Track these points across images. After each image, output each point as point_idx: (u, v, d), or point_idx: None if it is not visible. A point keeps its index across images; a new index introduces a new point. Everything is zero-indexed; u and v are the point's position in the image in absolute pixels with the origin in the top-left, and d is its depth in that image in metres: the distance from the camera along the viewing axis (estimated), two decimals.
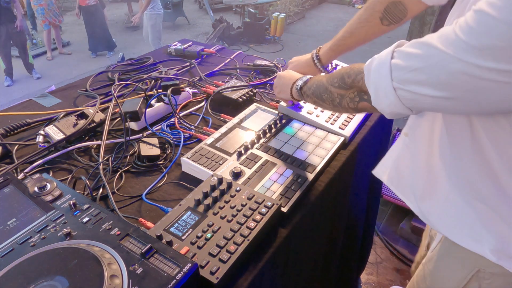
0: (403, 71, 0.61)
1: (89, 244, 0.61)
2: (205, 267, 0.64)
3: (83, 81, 1.42)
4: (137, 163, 0.97)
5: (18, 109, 1.24)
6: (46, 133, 1.00)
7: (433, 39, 0.57)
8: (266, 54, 5.67)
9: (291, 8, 7.35)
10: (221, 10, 8.12)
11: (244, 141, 1.00)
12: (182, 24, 7.63)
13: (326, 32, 6.84)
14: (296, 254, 0.88)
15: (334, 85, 0.80)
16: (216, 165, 0.91)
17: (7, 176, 0.77)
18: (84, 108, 1.13)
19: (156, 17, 4.84)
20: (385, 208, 2.41)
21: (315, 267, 1.08)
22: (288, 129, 1.07)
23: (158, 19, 4.89)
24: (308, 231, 0.92)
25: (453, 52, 0.53)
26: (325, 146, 1.01)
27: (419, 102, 0.62)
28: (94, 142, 1.03)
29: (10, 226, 0.66)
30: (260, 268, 0.70)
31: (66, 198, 0.72)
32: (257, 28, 6.16)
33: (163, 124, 1.11)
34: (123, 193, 0.88)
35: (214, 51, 1.64)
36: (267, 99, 1.28)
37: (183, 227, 0.71)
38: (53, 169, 0.95)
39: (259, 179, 0.88)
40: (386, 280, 1.98)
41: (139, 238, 0.62)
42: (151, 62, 1.52)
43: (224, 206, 0.76)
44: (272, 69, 1.45)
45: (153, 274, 0.56)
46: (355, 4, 8.46)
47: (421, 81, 0.59)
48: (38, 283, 0.54)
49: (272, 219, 0.75)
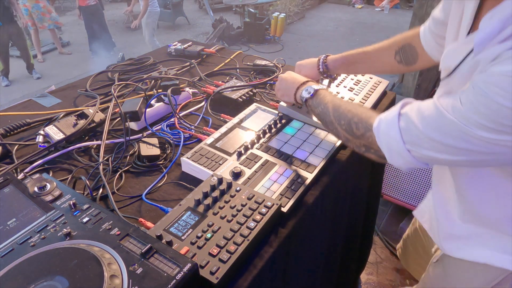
0: (414, 137, 0.63)
1: (89, 244, 0.61)
2: (205, 267, 0.64)
3: (83, 81, 1.42)
4: (137, 163, 0.97)
5: (18, 109, 1.24)
6: (46, 133, 1.00)
7: (441, 106, 0.59)
8: (266, 54, 5.67)
9: (291, 8, 7.35)
10: (221, 10, 8.12)
11: (244, 141, 1.00)
12: (182, 24, 7.63)
13: (326, 32, 6.84)
14: (296, 254, 0.88)
15: (341, 126, 0.80)
16: (216, 165, 0.91)
17: (7, 176, 0.77)
18: (84, 108, 1.13)
19: (152, 15, 4.93)
20: (385, 208, 2.41)
21: (315, 267, 1.08)
22: (288, 129, 1.07)
23: (154, 16, 4.96)
24: (308, 231, 0.92)
25: (465, 124, 0.55)
26: (325, 146, 1.01)
27: (436, 161, 0.64)
28: (94, 142, 1.03)
29: (10, 226, 0.66)
30: (260, 268, 0.70)
31: (66, 198, 0.72)
32: (257, 28, 6.16)
33: (163, 124, 1.11)
34: (123, 193, 0.88)
35: (214, 51, 1.64)
36: (267, 99, 1.28)
37: (183, 227, 0.71)
38: (53, 169, 0.95)
39: (259, 179, 0.88)
40: (386, 280, 1.98)
41: (139, 238, 0.62)
42: (151, 62, 1.52)
43: (224, 206, 0.76)
44: (272, 69, 1.45)
45: (153, 274, 0.56)
46: (355, 4, 8.46)
47: (436, 147, 0.60)
48: (38, 283, 0.54)
49: (272, 219, 0.75)
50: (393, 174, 2.14)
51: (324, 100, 0.87)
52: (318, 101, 0.89)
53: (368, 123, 0.73)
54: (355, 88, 1.28)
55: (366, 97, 1.24)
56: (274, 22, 6.15)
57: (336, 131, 0.83)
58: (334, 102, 0.85)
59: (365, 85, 1.30)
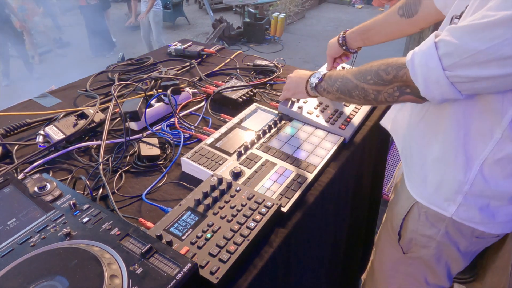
0: (456, 57, 0.63)
1: (89, 244, 0.61)
2: (205, 267, 0.64)
3: (83, 81, 1.42)
4: (137, 163, 0.97)
5: (18, 109, 1.24)
6: (46, 133, 1.00)
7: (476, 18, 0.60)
8: (266, 54, 5.67)
9: (291, 8, 7.34)
10: (221, 10, 8.12)
11: (244, 141, 1.00)
12: (182, 24, 7.63)
13: (326, 32, 6.84)
14: (296, 254, 0.88)
15: (368, 82, 0.81)
16: (216, 165, 0.91)
17: (7, 176, 0.77)
18: (84, 108, 1.13)
19: (160, 14, 5.11)
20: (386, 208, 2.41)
21: (316, 267, 1.08)
22: (288, 129, 1.07)
23: (160, 15, 5.10)
24: (308, 231, 0.92)
25: None
26: (325, 146, 1.01)
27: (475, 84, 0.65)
28: (94, 142, 1.03)
29: (10, 226, 0.66)
30: (260, 268, 0.70)
31: (66, 198, 0.72)
32: (257, 28, 6.16)
33: (163, 124, 1.11)
34: (123, 193, 0.88)
35: (214, 51, 1.64)
36: (267, 99, 1.28)
37: (183, 227, 0.71)
38: (53, 169, 0.95)
39: (259, 179, 0.88)
40: None
41: (139, 238, 0.62)
42: (151, 62, 1.52)
43: (224, 206, 0.76)
44: (272, 69, 1.45)
45: (153, 274, 0.56)
46: (355, 4, 8.46)
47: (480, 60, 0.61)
48: (38, 283, 0.54)
49: (272, 219, 0.75)
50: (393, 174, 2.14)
51: (339, 74, 0.91)
52: (333, 79, 0.92)
53: (398, 62, 0.75)
54: None
55: None
56: (274, 22, 6.15)
57: (362, 92, 0.84)
58: (350, 70, 0.88)
59: None
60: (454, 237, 0.89)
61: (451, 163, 0.79)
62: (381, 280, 1.15)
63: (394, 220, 1.00)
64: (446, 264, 0.96)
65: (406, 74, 0.73)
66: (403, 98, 0.78)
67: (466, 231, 0.86)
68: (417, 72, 0.70)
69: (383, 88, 0.79)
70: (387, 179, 2.17)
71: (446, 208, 0.83)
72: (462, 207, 0.81)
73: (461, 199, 0.80)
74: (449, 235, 0.89)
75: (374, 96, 0.82)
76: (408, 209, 0.94)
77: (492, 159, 0.74)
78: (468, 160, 0.77)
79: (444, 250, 0.93)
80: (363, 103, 0.90)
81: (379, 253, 1.14)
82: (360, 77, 0.83)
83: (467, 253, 0.93)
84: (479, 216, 0.81)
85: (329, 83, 0.93)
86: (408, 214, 0.94)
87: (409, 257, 1.00)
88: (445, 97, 0.70)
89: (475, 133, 0.75)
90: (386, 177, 2.16)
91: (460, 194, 0.80)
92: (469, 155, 0.76)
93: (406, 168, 0.95)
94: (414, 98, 0.76)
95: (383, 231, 1.09)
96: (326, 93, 0.95)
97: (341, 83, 0.89)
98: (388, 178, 2.16)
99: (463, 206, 0.81)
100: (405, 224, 0.97)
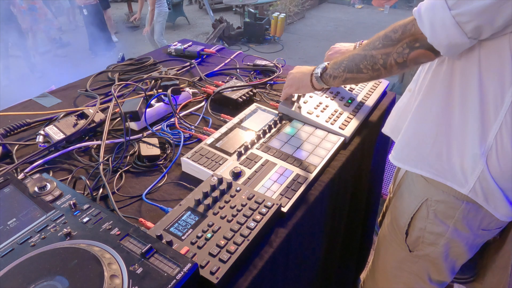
0: None
1: (89, 244, 0.61)
2: (205, 267, 0.64)
3: (83, 81, 1.42)
4: (137, 163, 0.97)
5: (18, 109, 1.24)
6: (46, 133, 1.00)
7: None
8: (266, 54, 5.67)
9: (291, 8, 7.34)
10: (221, 10, 8.12)
11: (244, 141, 1.00)
12: (182, 24, 7.63)
13: (326, 32, 6.84)
14: (296, 254, 0.88)
15: (376, 47, 0.83)
16: (216, 165, 0.91)
17: (7, 176, 0.77)
18: (84, 108, 1.13)
19: (164, 14, 5.08)
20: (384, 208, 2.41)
21: (315, 267, 1.08)
22: (288, 129, 1.07)
23: (164, 16, 5.12)
24: (308, 231, 0.92)
25: None
26: (325, 146, 1.01)
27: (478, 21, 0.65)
28: (94, 142, 1.03)
29: (10, 226, 0.66)
30: (260, 268, 0.70)
31: (66, 198, 0.72)
32: (257, 28, 6.16)
33: (163, 124, 1.11)
34: (123, 193, 0.88)
35: (214, 51, 1.64)
36: (267, 99, 1.28)
37: (183, 227, 0.71)
38: (53, 169, 0.95)
39: (259, 179, 0.88)
40: None
41: (139, 238, 0.62)
42: (151, 62, 1.52)
43: (224, 206, 0.76)
44: (272, 69, 1.45)
45: (153, 274, 0.56)
46: (355, 4, 8.46)
47: None
48: (38, 283, 0.54)
49: (272, 219, 0.76)
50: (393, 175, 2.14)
51: (344, 56, 0.92)
52: (338, 63, 0.94)
53: (404, 21, 0.77)
54: (355, 88, 1.28)
55: (366, 97, 1.24)
56: (274, 22, 6.15)
57: (371, 60, 0.85)
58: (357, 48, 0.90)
59: (365, 85, 1.30)
60: (462, 233, 0.90)
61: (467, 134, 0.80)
62: (383, 279, 1.15)
63: (401, 219, 1.01)
64: (452, 260, 0.97)
65: (414, 25, 0.75)
66: (413, 55, 0.78)
67: (473, 224, 0.87)
68: (423, 18, 0.72)
69: (392, 49, 0.80)
70: (387, 179, 2.17)
71: (463, 183, 0.83)
72: (479, 182, 0.80)
73: (478, 172, 0.80)
74: (457, 231, 0.90)
75: (383, 61, 0.82)
76: (416, 207, 0.94)
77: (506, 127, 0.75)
78: (484, 130, 0.77)
79: (452, 247, 0.94)
80: (371, 76, 0.88)
81: (383, 252, 1.14)
82: (369, 46, 0.85)
83: (472, 246, 0.94)
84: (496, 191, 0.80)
85: (334, 67, 0.95)
86: (417, 213, 0.95)
87: (415, 255, 1.01)
88: (451, 41, 0.70)
89: (489, 101, 0.75)
90: (386, 177, 2.16)
91: (477, 166, 0.79)
92: (485, 124, 0.77)
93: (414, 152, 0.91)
94: (424, 52, 0.76)
95: (387, 231, 1.09)
96: (333, 79, 0.96)
97: (347, 61, 0.90)
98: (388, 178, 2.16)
99: (480, 181, 0.80)
100: (412, 223, 0.97)
